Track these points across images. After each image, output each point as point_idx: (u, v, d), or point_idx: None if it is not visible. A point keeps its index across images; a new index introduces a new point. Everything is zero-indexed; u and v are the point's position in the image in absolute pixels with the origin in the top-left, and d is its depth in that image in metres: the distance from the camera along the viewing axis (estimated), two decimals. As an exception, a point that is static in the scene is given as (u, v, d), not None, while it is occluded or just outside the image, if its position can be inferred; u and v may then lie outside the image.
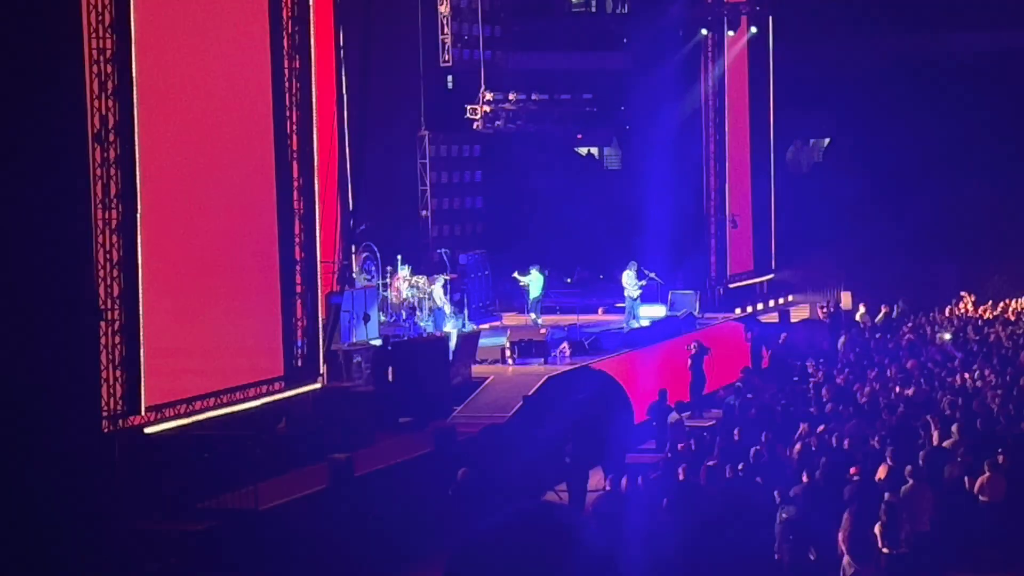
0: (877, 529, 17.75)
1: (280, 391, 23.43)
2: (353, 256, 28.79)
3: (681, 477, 19.89)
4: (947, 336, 33.93)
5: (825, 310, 38.22)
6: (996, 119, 43.53)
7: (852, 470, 19.99)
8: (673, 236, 38.33)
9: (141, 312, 20.03)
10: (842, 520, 17.87)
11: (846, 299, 40.18)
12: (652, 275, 34.08)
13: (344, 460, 21.28)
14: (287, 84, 23.71)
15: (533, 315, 33.91)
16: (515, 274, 34.80)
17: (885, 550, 17.74)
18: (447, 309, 30.20)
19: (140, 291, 20.03)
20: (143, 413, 20.05)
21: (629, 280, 33.89)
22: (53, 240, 19.47)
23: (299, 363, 23.90)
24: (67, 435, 19.18)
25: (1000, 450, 21.21)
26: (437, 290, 30.45)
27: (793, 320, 38.71)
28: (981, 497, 20.31)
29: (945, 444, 21.83)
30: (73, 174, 19.46)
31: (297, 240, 23.94)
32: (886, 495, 18.59)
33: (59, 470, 18.99)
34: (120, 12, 19.71)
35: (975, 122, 43.51)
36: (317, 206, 24.42)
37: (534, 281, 34.13)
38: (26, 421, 19.11)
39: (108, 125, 19.59)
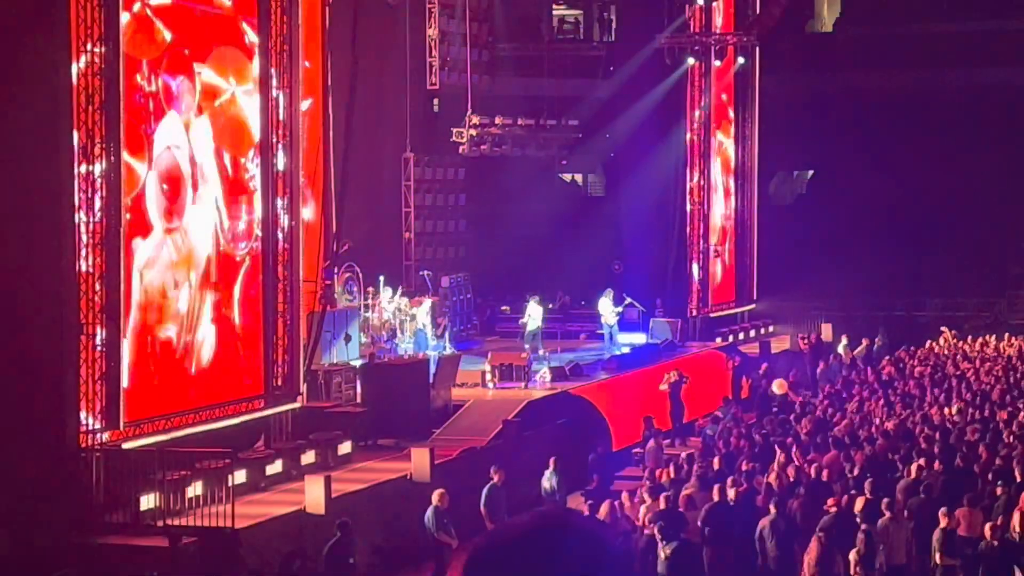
0: (852, 556, 17.77)
1: (259, 410, 23.38)
2: (336, 276, 28.76)
3: (663, 506, 19.86)
4: None
5: (806, 341, 38.24)
6: (980, 155, 43.70)
7: (829, 502, 19.98)
8: (655, 264, 38.37)
9: (122, 327, 19.98)
10: (809, 546, 17.86)
11: (826, 331, 40.25)
12: (630, 300, 34.05)
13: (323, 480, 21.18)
14: (273, 102, 23.69)
15: (541, 349, 32.50)
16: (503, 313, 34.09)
17: (861, 580, 17.76)
18: (429, 331, 30.14)
19: (122, 306, 19.98)
20: (122, 428, 19.97)
21: (606, 307, 33.79)
22: (33, 253, 19.43)
23: (279, 382, 23.83)
24: (45, 449, 19.09)
25: (977, 484, 21.24)
26: (422, 312, 30.38)
27: (774, 351, 38.74)
28: (959, 531, 20.29)
29: (923, 477, 21.83)
30: (57, 187, 19.41)
31: (280, 259, 23.90)
32: (863, 525, 18.58)
33: (36, 484, 18.90)
34: (109, 27, 19.71)
35: (959, 157, 43.68)
36: (301, 225, 24.40)
37: (534, 313, 33.07)
38: (2, 434, 19.03)
39: (95, 138, 19.55)
